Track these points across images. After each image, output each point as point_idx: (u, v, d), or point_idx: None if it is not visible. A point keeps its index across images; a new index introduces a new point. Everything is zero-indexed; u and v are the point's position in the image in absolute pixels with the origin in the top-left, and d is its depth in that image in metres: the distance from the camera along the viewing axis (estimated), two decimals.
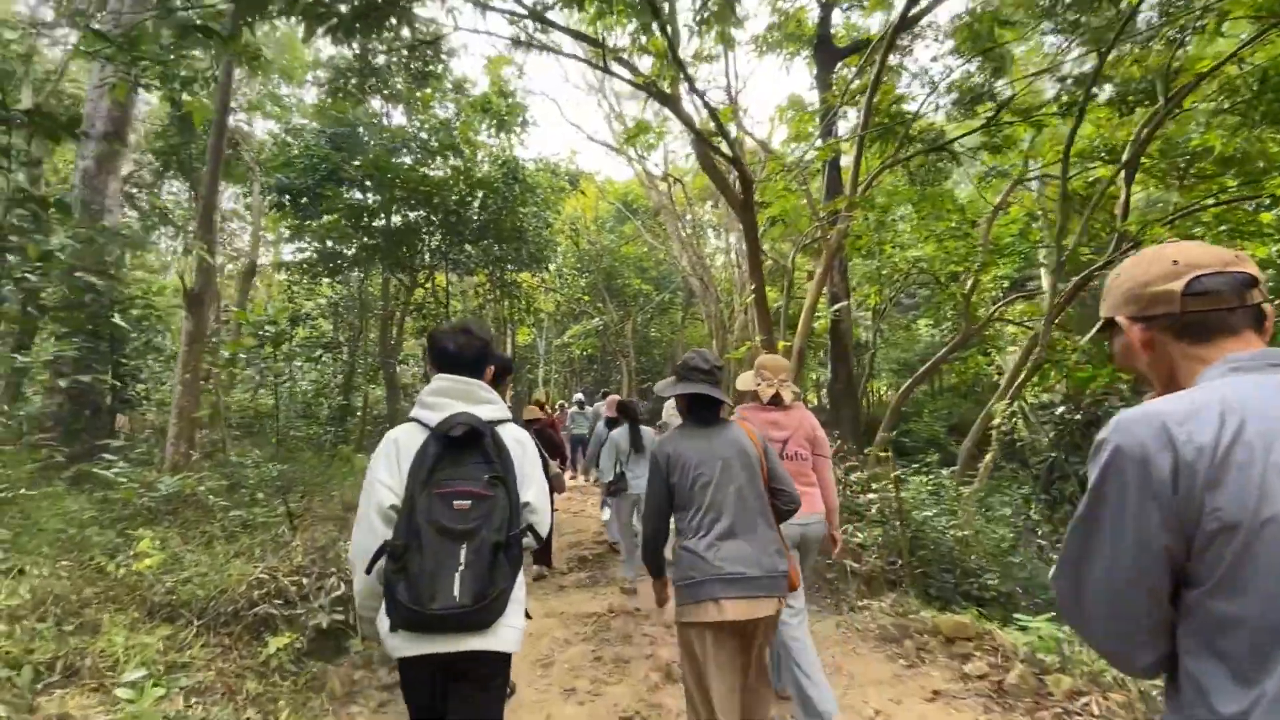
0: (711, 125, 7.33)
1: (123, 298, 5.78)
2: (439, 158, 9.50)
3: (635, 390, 19.56)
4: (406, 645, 1.66)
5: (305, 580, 3.66)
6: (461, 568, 1.62)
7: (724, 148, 7.00)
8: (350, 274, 11.75)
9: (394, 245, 10.44)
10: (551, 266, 14.27)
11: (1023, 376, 7.59)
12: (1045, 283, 15.03)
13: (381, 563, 1.67)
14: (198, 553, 3.69)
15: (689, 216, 16.03)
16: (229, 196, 17.53)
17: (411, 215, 9.55)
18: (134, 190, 9.89)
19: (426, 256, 10.80)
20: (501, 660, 1.79)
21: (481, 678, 1.76)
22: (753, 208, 6.98)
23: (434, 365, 1.95)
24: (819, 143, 9.15)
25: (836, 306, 9.75)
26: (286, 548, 4.01)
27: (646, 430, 5.69)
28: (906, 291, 14.59)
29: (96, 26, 5.29)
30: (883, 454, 8.82)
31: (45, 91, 6.33)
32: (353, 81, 11.83)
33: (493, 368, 2.04)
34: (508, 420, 1.91)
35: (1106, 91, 8.90)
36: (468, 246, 10.09)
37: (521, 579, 1.82)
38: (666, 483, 2.31)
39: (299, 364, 9.94)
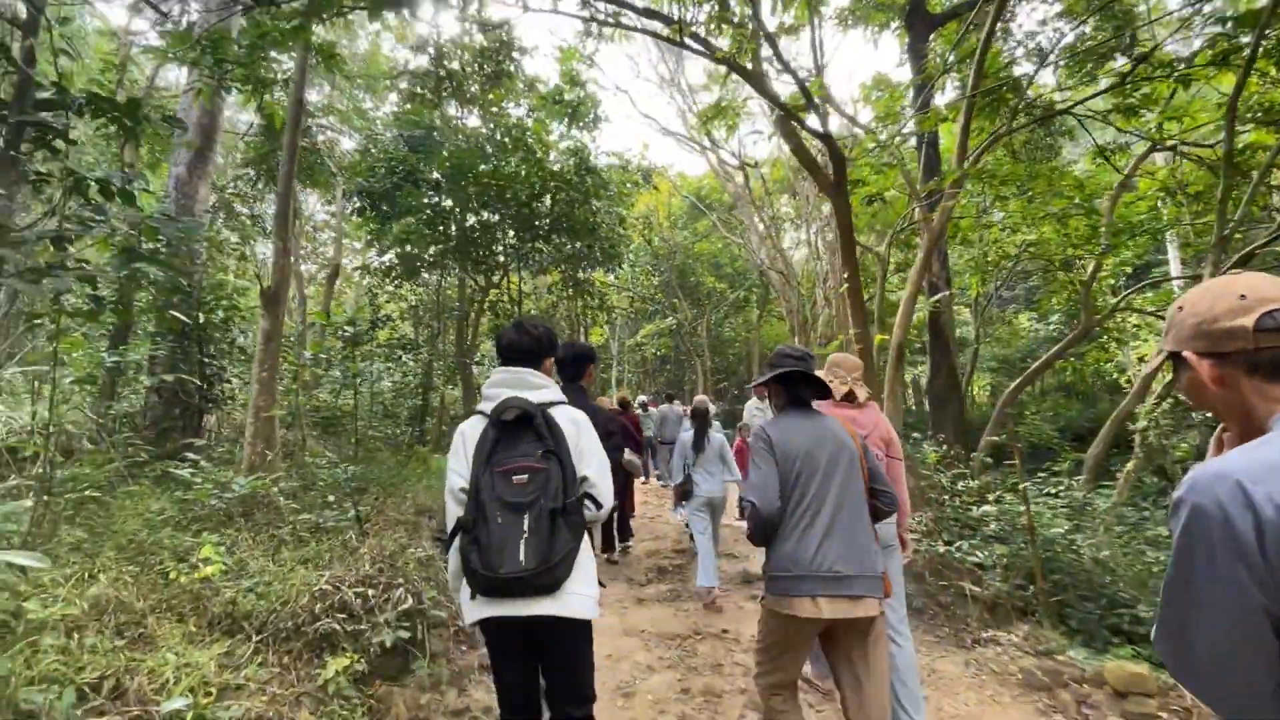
0: (797, 101, 6.73)
1: (207, 297, 5.89)
2: (512, 158, 9.40)
3: (710, 390, 19.00)
4: (481, 609, 1.81)
5: (371, 592, 3.41)
6: (525, 535, 1.75)
7: (812, 122, 6.40)
8: (429, 276, 11.91)
9: (469, 246, 10.43)
10: (625, 264, 13.97)
11: (1172, 376, 6.50)
12: (1174, 267, 13.28)
13: (458, 540, 1.84)
14: (263, 559, 3.52)
15: (768, 209, 15.30)
16: (318, 207, 18.40)
17: (485, 214, 9.46)
18: (233, 200, 10.35)
19: (501, 257, 10.73)
20: (576, 628, 1.88)
21: (557, 645, 1.88)
22: (845, 188, 6.33)
23: (498, 360, 2.15)
24: (910, 121, 8.33)
25: (936, 297, 8.86)
26: (354, 554, 3.80)
27: (716, 435, 5.70)
28: (1008, 283, 13.27)
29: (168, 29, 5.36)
30: (991, 459, 7.91)
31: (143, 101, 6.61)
32: (429, 86, 12.03)
33: (550, 359, 2.20)
34: (561, 403, 2.02)
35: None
36: (540, 244, 9.92)
37: (589, 548, 1.94)
38: (774, 461, 2.22)
39: (379, 365, 10.08)
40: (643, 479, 10.98)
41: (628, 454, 5.21)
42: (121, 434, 4.84)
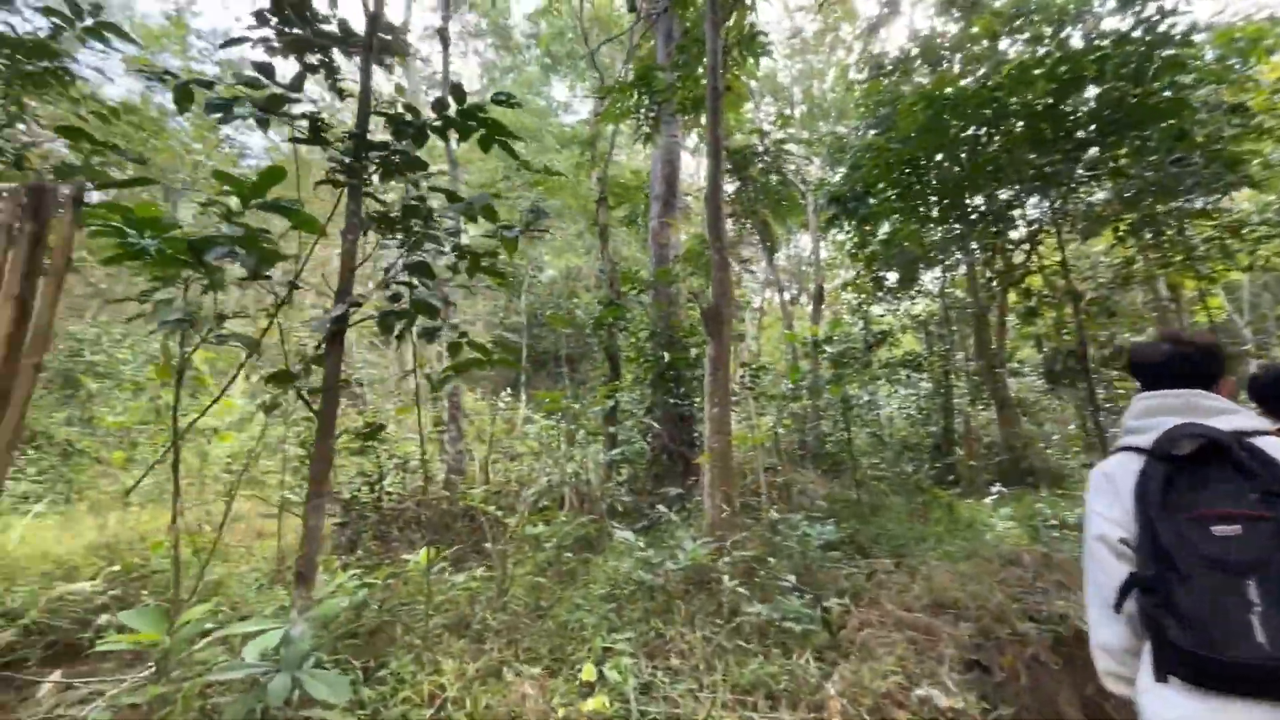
0: None
1: (679, 336, 5.68)
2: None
3: None
4: (1187, 708, 1.24)
5: None
6: (1258, 607, 1.21)
7: None
8: (928, 277, 9.88)
9: (971, 221, 8.02)
10: (1257, 181, 8.46)
11: None
12: None
13: (1137, 601, 1.32)
14: (686, 679, 2.37)
15: None
16: (807, 244, 18.63)
17: (992, 142, 6.80)
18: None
19: (1023, 220, 7.84)
20: None
21: None
22: None
23: (1141, 385, 1.67)
24: None
25: None
26: (815, 694, 2.27)
27: None
28: None
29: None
30: None
31: (603, 164, 7.44)
32: (893, 62, 10.37)
33: (1230, 379, 1.65)
34: (1265, 432, 1.41)
35: None
36: (1080, 170, 6.58)
37: None
38: None
39: (882, 390, 8.57)
40: None
41: None
42: (612, 483, 4.78)
